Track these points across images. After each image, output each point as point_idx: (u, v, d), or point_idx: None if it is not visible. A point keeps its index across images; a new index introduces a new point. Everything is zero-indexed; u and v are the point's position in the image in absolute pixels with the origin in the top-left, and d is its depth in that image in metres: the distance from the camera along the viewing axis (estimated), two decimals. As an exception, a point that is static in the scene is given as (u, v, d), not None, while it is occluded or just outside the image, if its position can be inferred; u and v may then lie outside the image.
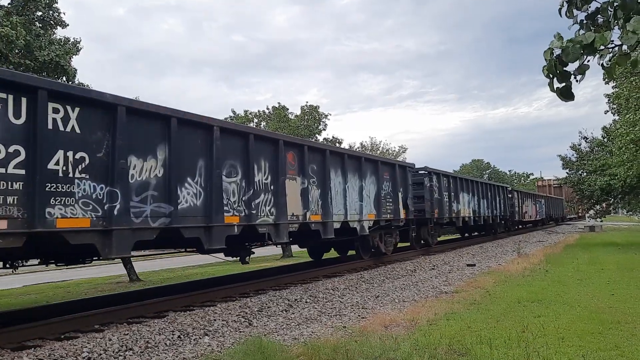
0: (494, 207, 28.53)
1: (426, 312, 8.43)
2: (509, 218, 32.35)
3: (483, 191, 26.87)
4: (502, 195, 30.63)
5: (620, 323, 7.36)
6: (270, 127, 41.27)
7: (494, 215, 28.55)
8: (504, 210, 30.64)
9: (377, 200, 15.24)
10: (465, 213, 23.89)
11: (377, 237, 16.04)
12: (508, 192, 32.53)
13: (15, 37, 13.54)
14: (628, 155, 21.51)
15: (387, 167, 16.39)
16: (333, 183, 12.99)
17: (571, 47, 3.51)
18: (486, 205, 27.23)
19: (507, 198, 31.60)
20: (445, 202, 21.13)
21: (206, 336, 7.63)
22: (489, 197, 27.88)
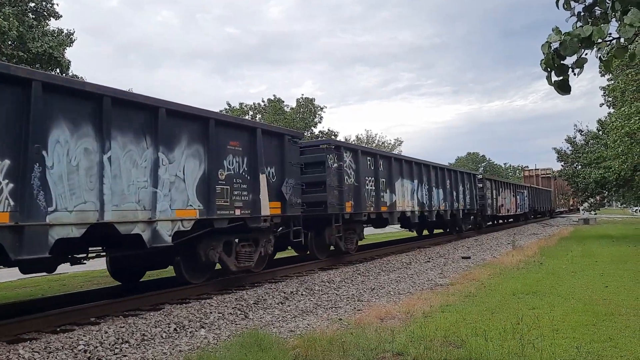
0: (455, 199, 22.74)
1: (422, 305, 8.46)
2: (479, 212, 26.92)
3: (438, 178, 20.79)
4: (468, 185, 24.87)
5: (613, 315, 7.42)
6: (266, 119, 41.17)
7: (455, 209, 22.71)
8: (470, 203, 25.00)
9: (205, 186, 9.20)
10: (407, 206, 17.82)
11: (214, 248, 9.85)
12: (477, 180, 26.87)
13: (8, 28, 13.43)
14: (623, 148, 21.58)
15: (234, 131, 10.07)
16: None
17: (569, 40, 3.51)
18: (442, 197, 21.24)
19: (475, 188, 25.93)
20: (367, 191, 15.17)
21: (202, 329, 7.63)
22: (448, 187, 22.05)
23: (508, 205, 33.49)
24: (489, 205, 28.38)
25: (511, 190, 34.91)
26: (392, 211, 16.59)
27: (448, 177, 22.20)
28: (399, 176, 17.39)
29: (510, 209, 34.30)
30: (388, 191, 16.46)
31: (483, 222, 28.90)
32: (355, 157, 14.71)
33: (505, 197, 32.48)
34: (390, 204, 16.49)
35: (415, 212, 18.38)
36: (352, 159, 14.57)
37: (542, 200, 47.77)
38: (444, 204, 21.46)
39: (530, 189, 42.63)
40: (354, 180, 14.46)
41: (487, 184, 28.29)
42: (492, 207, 28.94)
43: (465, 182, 24.52)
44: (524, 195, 39.23)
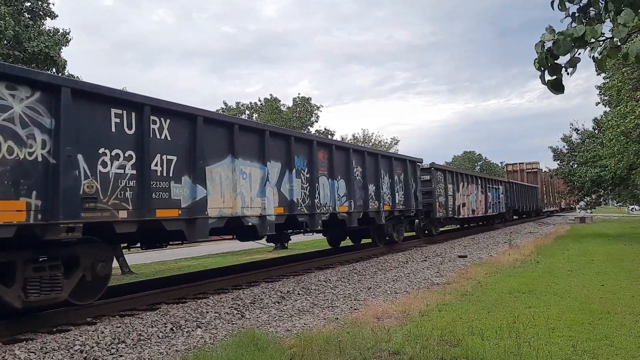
0: (374, 196, 15.62)
1: (418, 304, 8.47)
2: (423, 215, 20.39)
3: (330, 163, 13.39)
4: (401, 176, 17.83)
5: (609, 313, 7.44)
6: (263, 118, 41.16)
7: (374, 211, 15.53)
8: (406, 202, 17.93)
9: None
10: (241, 207, 10.14)
11: None
12: (419, 170, 19.60)
13: (4, 27, 13.39)
14: (618, 147, 21.65)
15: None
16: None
17: (562, 40, 3.52)
18: (345, 192, 14.00)
19: (415, 181, 18.87)
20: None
21: (199, 328, 7.63)
22: (358, 177, 14.81)
23: (475, 205, 26.90)
24: (442, 205, 21.59)
25: (479, 185, 28.12)
26: (195, 217, 8.89)
27: (357, 163, 14.79)
28: (257, 159, 10.75)
29: (477, 209, 27.41)
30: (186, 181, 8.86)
31: (433, 228, 21.76)
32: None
33: (468, 193, 25.89)
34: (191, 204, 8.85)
35: (265, 217, 10.73)
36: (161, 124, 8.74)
37: (526, 198, 41.40)
38: (348, 203, 14.10)
39: (509, 184, 35.90)
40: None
41: (437, 176, 21.37)
42: (446, 207, 22.13)
43: (395, 172, 17.23)
44: (498, 192, 32.35)
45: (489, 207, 29.84)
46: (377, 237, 17.69)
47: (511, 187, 36.16)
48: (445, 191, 22.41)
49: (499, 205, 32.20)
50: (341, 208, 13.83)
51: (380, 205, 15.96)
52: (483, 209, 28.79)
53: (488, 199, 29.75)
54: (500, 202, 32.58)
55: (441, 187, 21.91)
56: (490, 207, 30.18)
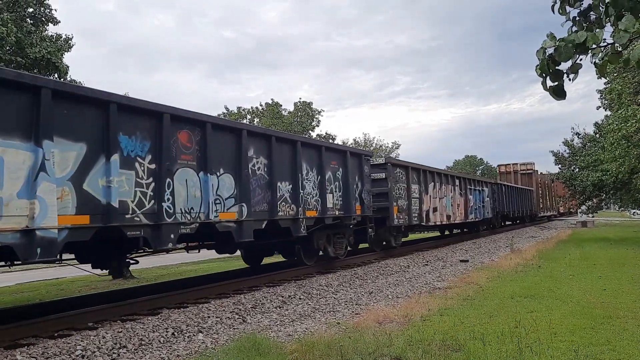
0: (293, 198, 11.91)
1: (420, 308, 8.46)
2: (375, 222, 16.19)
3: (226, 153, 10.08)
4: (340, 172, 14.04)
5: (611, 318, 7.43)
6: (264, 123, 41.21)
7: (289, 218, 11.76)
8: (344, 207, 14.06)
9: None
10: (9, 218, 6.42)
11: None
12: (371, 166, 16.18)
13: (6, 33, 13.44)
14: (620, 151, 21.63)
15: None
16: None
17: (563, 46, 3.53)
18: (238, 192, 10.21)
19: (362, 180, 15.02)
20: None
21: (200, 333, 7.63)
22: (264, 172, 11.09)
23: (449, 209, 22.86)
24: (402, 210, 17.72)
25: (457, 186, 24.18)
26: None
27: (258, 152, 10.96)
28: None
29: (454, 215, 23.44)
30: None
31: (392, 238, 17.67)
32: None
33: (442, 196, 21.94)
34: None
35: (34, 232, 6.58)
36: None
37: (519, 201, 37.20)
38: (239, 209, 10.18)
39: (496, 186, 31.46)
40: None
41: (396, 174, 17.64)
42: (409, 212, 18.23)
43: (328, 166, 13.45)
44: (482, 194, 28.07)
45: (470, 212, 25.80)
46: (304, 252, 13.34)
47: (499, 190, 31.91)
48: (408, 193, 18.35)
49: (483, 210, 28.07)
50: (224, 215, 9.77)
51: (300, 211, 11.91)
52: (462, 215, 24.72)
53: (469, 202, 25.63)
54: (486, 206, 28.49)
55: (402, 188, 17.93)
56: (472, 212, 26.14)
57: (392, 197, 17.03)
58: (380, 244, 17.78)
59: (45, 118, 6.76)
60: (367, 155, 15.95)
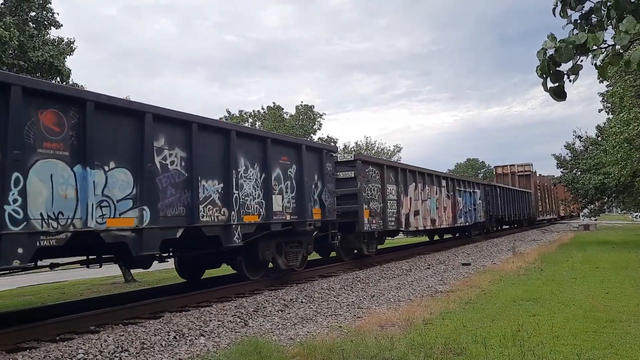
0: (223, 200, 9.77)
1: (422, 312, 8.44)
2: (340, 228, 13.98)
3: (119, 140, 7.84)
4: (293, 169, 11.92)
5: (614, 321, 7.40)
6: (266, 126, 41.26)
7: (218, 224, 9.60)
8: (298, 210, 11.92)
9: None
10: None
11: None
12: (335, 163, 14.25)
13: (9, 37, 13.48)
14: (622, 154, 21.60)
15: None
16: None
17: (564, 47, 3.53)
18: (138, 192, 7.96)
19: (319, 178, 12.85)
20: None
21: (202, 337, 7.62)
22: (181, 167, 8.87)
23: (434, 213, 20.67)
24: (375, 213, 15.68)
25: (443, 187, 22.07)
26: None
27: (171, 142, 8.81)
28: None
29: (440, 219, 21.33)
30: None
31: (364, 246, 15.59)
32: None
33: (425, 198, 19.79)
34: None
35: None
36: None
37: (516, 204, 35.31)
38: (138, 213, 8.00)
39: (490, 188, 29.50)
40: None
41: (367, 173, 15.56)
42: (383, 216, 16.22)
43: (277, 162, 11.37)
44: (474, 196, 26.13)
45: (459, 215, 23.76)
46: (248, 264, 11.41)
47: (493, 192, 29.85)
48: (383, 194, 16.34)
49: (474, 214, 26.03)
50: (115, 222, 7.62)
51: (233, 216, 9.74)
52: (450, 219, 22.71)
53: (458, 205, 23.64)
54: (477, 209, 26.61)
55: (375, 189, 15.92)
56: (461, 216, 24.14)
57: (363, 199, 15.01)
58: (350, 252, 15.81)
59: None
60: (330, 150, 13.77)
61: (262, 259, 11.35)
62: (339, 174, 14.71)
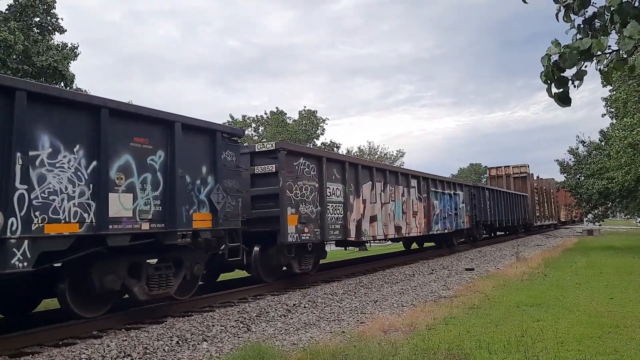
0: None
1: (425, 317, 8.42)
2: (265, 241, 11.88)
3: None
4: (158, 157, 8.65)
5: (619, 327, 7.37)
6: (269, 131, 41.33)
7: None
8: (169, 215, 8.68)
9: None
10: None
11: None
12: (229, 148, 10.27)
13: (14, 42, 13.56)
14: (626, 159, 21.55)
15: None
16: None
17: (568, 53, 3.53)
18: None
19: (210, 171, 9.69)
20: None
21: (205, 342, 7.61)
22: None
23: (399, 219, 17.39)
24: (309, 220, 12.50)
25: (413, 188, 18.87)
26: None
27: None
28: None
29: (408, 226, 18.06)
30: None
31: (294, 262, 12.33)
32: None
33: (387, 200, 16.57)
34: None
35: None
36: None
37: (509, 209, 32.31)
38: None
39: (476, 190, 26.30)
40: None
41: (298, 168, 12.37)
42: (322, 224, 12.96)
43: (129, 144, 8.26)
44: (456, 199, 23.14)
45: (435, 221, 20.56)
46: (75, 297, 8.00)
47: (481, 194, 26.55)
48: (321, 195, 13.06)
49: (456, 219, 22.96)
50: None
51: (12, 225, 6.45)
52: (423, 225, 19.43)
53: (433, 209, 20.48)
54: (460, 214, 23.52)
55: (309, 188, 12.64)
56: (438, 222, 20.93)
57: (287, 200, 11.73)
58: (275, 270, 12.39)
59: None
60: (230, 133, 10.36)
61: (103, 287, 8.02)
62: (257, 167, 11.88)
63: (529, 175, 41.39)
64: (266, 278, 12.05)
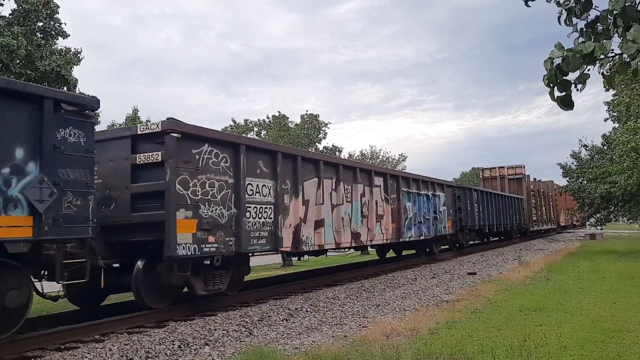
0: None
1: (427, 321, 8.39)
2: (151, 254, 9.19)
3: None
4: None
5: (622, 331, 7.34)
6: (271, 136, 41.34)
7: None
8: None
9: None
10: None
11: None
12: (90, 127, 7.74)
13: (17, 47, 13.61)
14: (628, 163, 21.50)
15: None
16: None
17: (571, 56, 3.53)
18: None
19: (35, 153, 6.96)
20: None
21: (207, 346, 7.59)
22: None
23: (357, 224, 14.68)
24: (216, 226, 9.71)
25: (379, 186, 16.30)
26: None
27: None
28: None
29: (368, 233, 15.33)
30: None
31: (195, 283, 9.68)
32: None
33: (339, 202, 13.90)
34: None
35: None
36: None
37: (501, 212, 29.88)
38: None
39: (462, 191, 23.92)
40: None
41: (199, 158, 9.59)
42: (238, 232, 10.16)
43: None
44: (435, 201, 20.56)
45: (408, 226, 18.03)
46: None
47: (467, 196, 23.93)
48: (237, 193, 10.36)
49: (436, 224, 20.42)
50: None
51: None
52: (391, 231, 16.85)
53: (405, 212, 17.83)
54: (440, 218, 21.00)
55: (216, 184, 9.88)
56: (411, 227, 18.35)
57: (177, 199, 8.92)
58: (167, 292, 9.60)
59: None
60: (70, 102, 7.53)
61: None
62: (139, 156, 9.18)
63: (524, 177, 39.13)
64: (154, 303, 9.30)
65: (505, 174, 38.21)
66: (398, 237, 17.34)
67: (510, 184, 37.59)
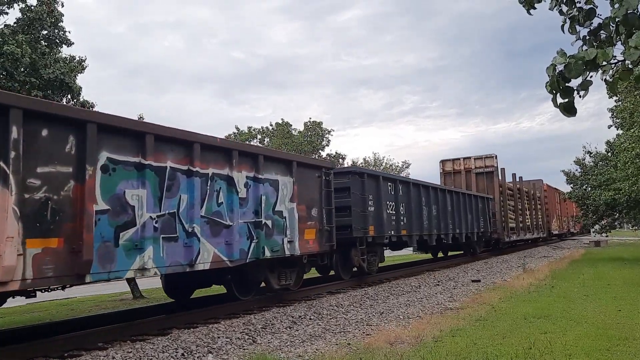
0: None
1: (431, 329, 8.36)
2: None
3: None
4: None
5: (627, 339, 7.29)
6: (274, 143, 41.41)
7: None
8: None
9: None
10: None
11: None
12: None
13: (21, 55, 13.68)
14: (633, 170, 21.44)
15: None
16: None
17: (574, 63, 3.53)
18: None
19: None
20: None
21: (210, 354, 7.57)
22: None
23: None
24: None
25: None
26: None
27: None
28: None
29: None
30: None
31: None
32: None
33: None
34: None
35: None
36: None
37: (454, 216, 21.78)
38: None
39: (356, 179, 14.65)
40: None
41: None
42: None
43: None
44: (264, 191, 10.58)
45: None
46: None
47: (369, 188, 15.16)
48: None
49: (255, 239, 10.29)
50: None
51: None
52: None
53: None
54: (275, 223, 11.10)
55: None
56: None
57: None
58: None
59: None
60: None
61: None
62: None
63: (496, 171, 29.36)
64: None
65: (471, 167, 29.33)
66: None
67: (479, 180, 29.00)
